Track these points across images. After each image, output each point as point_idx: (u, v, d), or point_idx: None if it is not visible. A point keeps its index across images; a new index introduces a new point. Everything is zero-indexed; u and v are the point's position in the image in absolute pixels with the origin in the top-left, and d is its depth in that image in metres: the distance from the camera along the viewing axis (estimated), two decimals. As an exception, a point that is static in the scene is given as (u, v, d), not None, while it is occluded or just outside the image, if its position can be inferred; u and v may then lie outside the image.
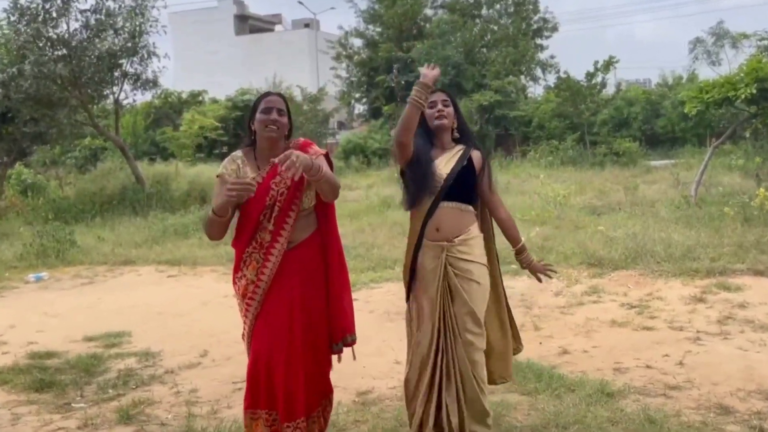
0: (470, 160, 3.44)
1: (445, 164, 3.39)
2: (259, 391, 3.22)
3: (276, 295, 3.20)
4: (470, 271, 3.36)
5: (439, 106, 3.41)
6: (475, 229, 3.44)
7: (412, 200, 3.41)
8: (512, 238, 3.58)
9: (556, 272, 3.81)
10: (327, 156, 3.32)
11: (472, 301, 3.33)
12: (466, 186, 3.42)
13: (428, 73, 3.25)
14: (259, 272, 3.19)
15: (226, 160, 3.33)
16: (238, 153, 3.33)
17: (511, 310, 3.73)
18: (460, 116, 3.50)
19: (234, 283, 3.33)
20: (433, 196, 3.35)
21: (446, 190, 3.35)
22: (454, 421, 3.32)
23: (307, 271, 3.25)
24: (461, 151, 3.45)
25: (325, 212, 3.38)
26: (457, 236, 3.36)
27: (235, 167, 3.26)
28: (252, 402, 3.25)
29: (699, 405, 3.98)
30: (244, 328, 3.29)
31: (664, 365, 4.67)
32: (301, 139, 3.36)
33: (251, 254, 3.21)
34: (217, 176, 3.26)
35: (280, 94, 3.33)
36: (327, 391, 3.43)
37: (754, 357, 4.74)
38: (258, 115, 3.21)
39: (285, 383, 3.18)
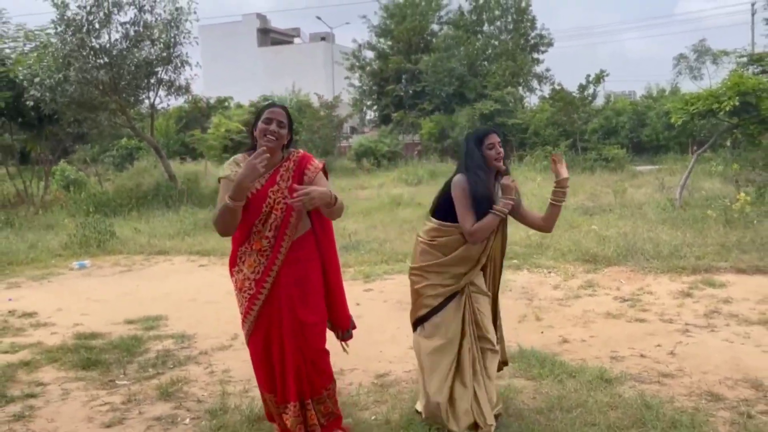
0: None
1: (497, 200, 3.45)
2: (264, 378, 3.28)
3: (272, 292, 3.18)
4: (479, 284, 3.50)
5: (498, 149, 3.38)
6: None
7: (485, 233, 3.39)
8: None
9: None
10: (324, 169, 3.27)
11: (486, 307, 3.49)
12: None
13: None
14: (263, 277, 3.13)
15: (228, 162, 3.23)
16: (239, 156, 3.25)
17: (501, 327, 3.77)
18: (504, 150, 3.50)
19: (231, 275, 3.29)
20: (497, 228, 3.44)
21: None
22: (487, 409, 3.37)
23: (302, 270, 3.20)
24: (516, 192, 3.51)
25: (319, 214, 3.28)
26: None
27: (238, 169, 3.15)
28: (261, 385, 3.35)
29: (691, 392, 3.94)
30: (244, 320, 3.25)
31: (657, 354, 4.63)
32: (301, 152, 3.27)
33: (246, 252, 3.18)
34: (222, 179, 3.16)
35: (284, 107, 3.23)
36: (327, 376, 3.36)
37: (739, 348, 4.69)
38: (260, 124, 3.13)
39: (280, 374, 3.21)
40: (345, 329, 3.49)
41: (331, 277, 3.35)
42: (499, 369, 3.69)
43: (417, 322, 3.51)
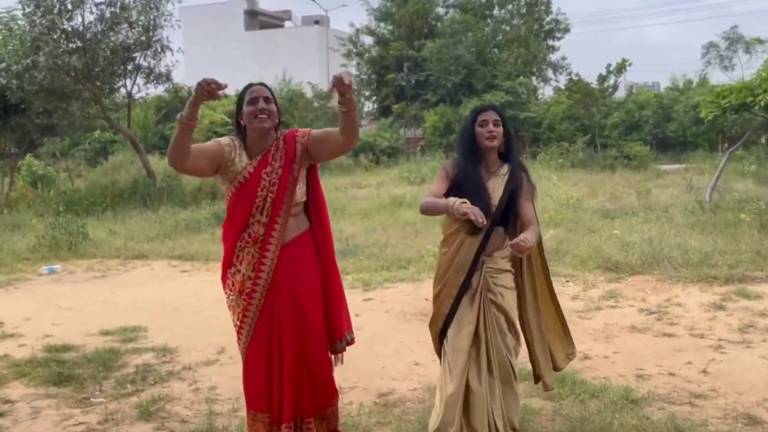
0: (515, 183, 3.38)
1: (494, 191, 3.34)
2: (259, 394, 3.24)
3: (270, 293, 3.18)
4: (503, 279, 3.42)
5: (490, 126, 3.34)
6: (507, 244, 3.42)
7: (472, 227, 3.26)
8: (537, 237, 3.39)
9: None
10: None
11: (507, 307, 3.39)
12: (508, 209, 3.37)
13: None
14: (257, 268, 3.16)
15: (225, 137, 3.27)
16: (225, 138, 3.27)
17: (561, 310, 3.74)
18: (508, 135, 3.43)
19: (225, 278, 3.28)
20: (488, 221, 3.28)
21: (498, 218, 3.34)
22: (499, 422, 3.33)
23: (300, 271, 3.22)
24: (507, 176, 3.38)
25: (317, 212, 3.35)
26: (496, 250, 3.40)
27: (233, 146, 3.20)
28: (251, 403, 3.29)
29: (726, 414, 3.94)
30: (241, 327, 3.24)
31: (688, 373, 4.63)
32: (287, 131, 3.33)
33: (243, 248, 3.18)
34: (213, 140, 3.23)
35: (263, 84, 3.27)
36: (331, 391, 3.37)
37: (778, 367, 4.70)
38: (245, 108, 3.16)
39: (277, 389, 3.20)
40: (339, 339, 3.47)
41: (330, 280, 3.37)
42: (537, 381, 3.67)
43: (440, 340, 3.48)
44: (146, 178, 15.61)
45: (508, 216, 3.40)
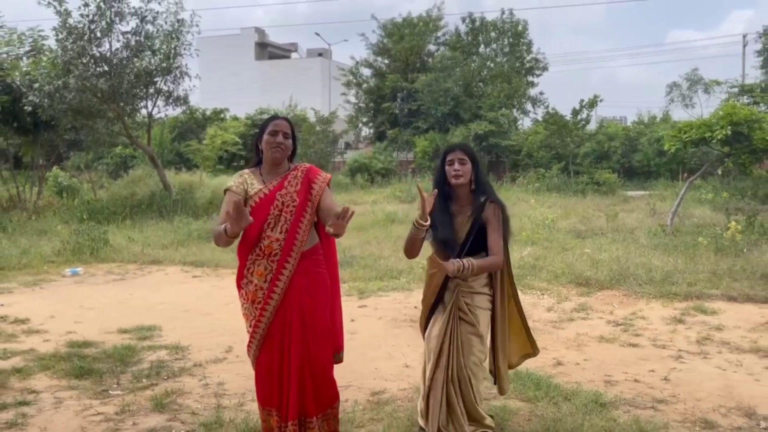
0: (483, 215, 3.34)
1: (461, 227, 3.36)
2: (270, 393, 3.22)
3: (284, 303, 3.17)
4: (478, 300, 3.41)
5: (456, 166, 3.33)
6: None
7: (443, 255, 3.34)
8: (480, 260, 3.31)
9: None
10: (329, 182, 3.32)
11: (479, 325, 3.38)
12: (481, 242, 3.35)
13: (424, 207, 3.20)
14: (272, 282, 3.14)
15: (235, 176, 3.31)
16: (246, 170, 3.32)
17: (525, 320, 3.70)
18: (477, 171, 3.39)
19: (239, 287, 3.27)
20: (455, 253, 3.32)
21: (465, 251, 3.33)
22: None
23: (311, 281, 3.21)
24: (475, 213, 3.35)
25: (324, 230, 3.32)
26: (472, 277, 3.37)
27: (242, 181, 3.24)
28: (263, 400, 3.27)
29: (685, 419, 3.95)
30: (254, 333, 3.21)
31: (651, 380, 4.64)
32: (307, 165, 3.34)
33: (255, 261, 3.17)
34: (226, 190, 3.25)
35: (286, 119, 3.31)
36: (333, 393, 3.36)
37: (732, 377, 4.71)
38: (266, 137, 3.22)
39: (290, 389, 3.17)
40: (338, 351, 3.48)
41: (334, 291, 3.38)
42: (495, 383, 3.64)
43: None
44: (163, 191, 15.55)
45: (478, 247, 3.35)
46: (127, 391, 4.47)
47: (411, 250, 3.39)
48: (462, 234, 3.34)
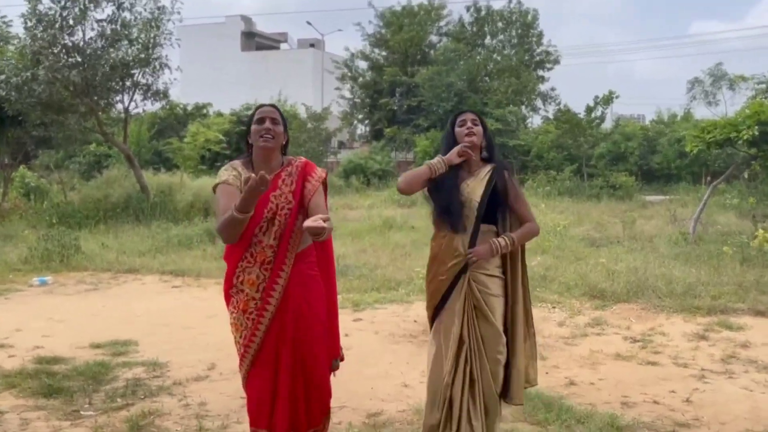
0: (498, 181, 3.45)
1: (473, 189, 3.42)
2: (261, 410, 3.20)
3: (278, 313, 3.17)
4: (489, 286, 3.43)
5: (469, 124, 3.48)
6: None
7: (452, 225, 3.40)
8: (518, 232, 3.46)
9: None
10: (325, 181, 3.31)
11: (495, 317, 3.40)
12: (495, 207, 3.45)
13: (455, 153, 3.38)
14: (266, 292, 3.13)
15: (224, 168, 3.25)
16: (236, 162, 3.28)
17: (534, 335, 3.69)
18: (488, 136, 3.54)
19: (228, 296, 3.26)
20: (471, 221, 3.39)
21: (482, 215, 3.39)
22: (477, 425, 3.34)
23: (306, 287, 3.21)
24: (489, 174, 3.46)
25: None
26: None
27: (236, 173, 3.18)
28: (253, 420, 3.24)
29: (709, 444, 3.96)
30: (247, 346, 3.19)
31: (672, 402, 4.65)
32: (303, 159, 3.33)
33: (245, 269, 3.15)
34: (219, 184, 3.17)
35: (273, 105, 3.29)
36: (327, 403, 3.38)
37: (759, 398, 4.72)
38: (253, 127, 3.20)
39: (281, 403, 3.17)
40: (336, 357, 3.49)
41: (330, 295, 3.39)
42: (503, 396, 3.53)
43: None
44: (139, 193, 15.55)
45: (494, 214, 3.45)
46: (100, 412, 4.45)
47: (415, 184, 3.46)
48: (475, 196, 3.40)
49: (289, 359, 3.16)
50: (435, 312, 3.51)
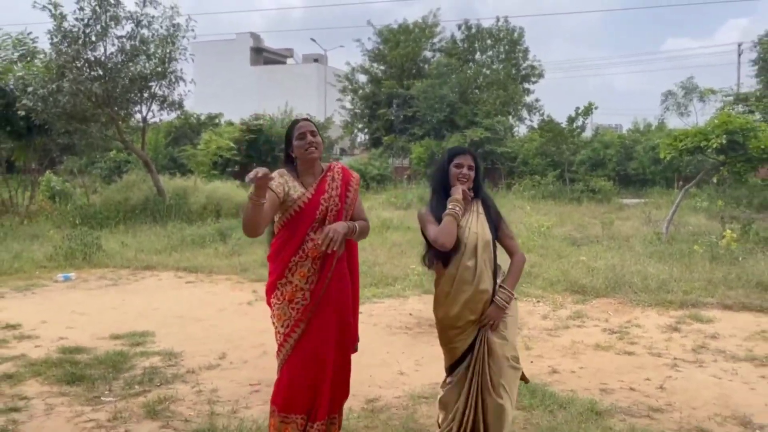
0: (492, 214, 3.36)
1: (480, 224, 3.29)
2: (298, 396, 3.14)
3: (322, 305, 3.17)
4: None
5: (465, 170, 3.30)
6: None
7: (445, 261, 3.25)
8: (512, 276, 3.35)
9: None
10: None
11: (509, 335, 3.27)
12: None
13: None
14: (317, 283, 3.14)
15: (276, 172, 3.19)
16: (284, 170, 3.26)
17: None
18: (478, 175, 3.36)
19: (272, 290, 3.21)
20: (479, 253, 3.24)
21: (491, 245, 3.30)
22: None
23: (343, 284, 3.25)
24: (484, 212, 3.34)
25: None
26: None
27: (283, 182, 3.17)
28: (285, 406, 3.15)
29: (680, 427, 3.95)
30: (290, 333, 3.14)
31: (646, 388, 4.64)
32: (339, 164, 3.36)
33: (298, 263, 3.15)
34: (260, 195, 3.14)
35: (307, 119, 3.31)
36: (347, 393, 3.38)
37: (727, 385, 4.73)
38: (296, 142, 3.21)
39: (321, 388, 3.15)
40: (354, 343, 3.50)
41: (355, 290, 3.40)
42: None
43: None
44: (156, 196, 15.51)
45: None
46: (120, 398, 4.44)
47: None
48: (485, 230, 3.26)
49: (331, 348, 3.17)
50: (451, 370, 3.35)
